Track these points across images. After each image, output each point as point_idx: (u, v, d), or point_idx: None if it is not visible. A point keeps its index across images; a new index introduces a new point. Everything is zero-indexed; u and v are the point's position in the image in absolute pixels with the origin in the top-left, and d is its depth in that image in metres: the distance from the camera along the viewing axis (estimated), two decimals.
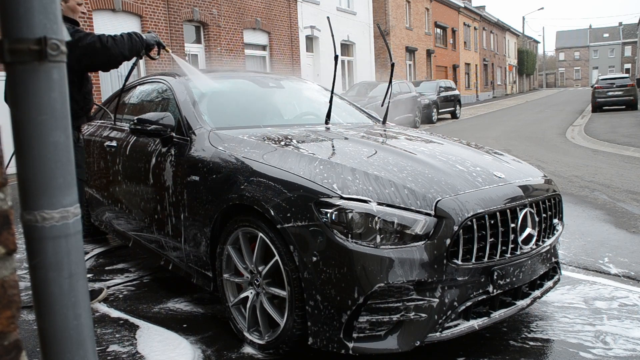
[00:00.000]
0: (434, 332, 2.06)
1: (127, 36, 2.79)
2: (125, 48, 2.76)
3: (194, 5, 13.23)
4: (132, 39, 2.81)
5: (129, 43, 2.78)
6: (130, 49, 2.80)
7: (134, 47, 2.82)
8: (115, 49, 2.71)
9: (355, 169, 2.23)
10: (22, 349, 0.78)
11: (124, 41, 2.76)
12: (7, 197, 0.77)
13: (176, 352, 2.39)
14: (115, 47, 2.71)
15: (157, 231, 3.08)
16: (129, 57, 2.83)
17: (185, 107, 3.05)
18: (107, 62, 2.75)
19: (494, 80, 46.49)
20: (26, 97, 0.88)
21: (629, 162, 8.30)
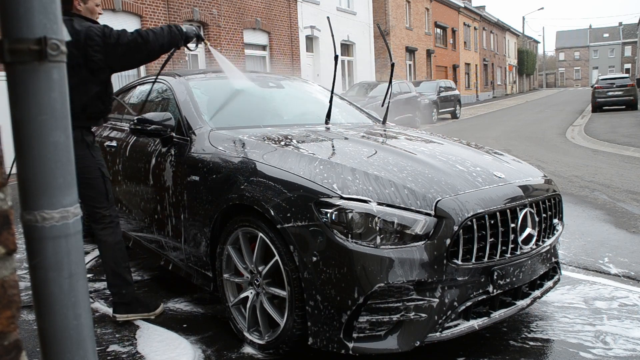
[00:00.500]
0: (434, 332, 2.06)
1: (167, 29, 2.73)
2: (164, 41, 2.69)
3: (194, 5, 13.23)
4: (172, 31, 2.74)
5: (168, 36, 2.70)
6: (169, 42, 2.72)
7: (173, 39, 2.74)
8: (155, 42, 2.64)
9: (355, 169, 2.23)
10: (22, 349, 0.78)
11: (164, 34, 2.69)
12: (7, 197, 0.77)
13: (176, 352, 2.39)
14: (155, 40, 2.64)
15: (157, 231, 3.08)
16: (167, 50, 2.75)
17: (185, 107, 3.05)
18: (147, 57, 2.68)
19: (494, 80, 46.49)
20: (26, 97, 0.88)
21: (629, 162, 8.30)
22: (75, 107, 2.50)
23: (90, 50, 2.49)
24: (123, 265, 2.73)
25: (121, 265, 2.72)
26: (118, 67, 2.65)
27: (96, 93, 2.60)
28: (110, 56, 2.54)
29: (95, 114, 2.65)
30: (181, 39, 2.78)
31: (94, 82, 2.57)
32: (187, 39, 2.84)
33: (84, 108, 2.57)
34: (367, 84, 17.33)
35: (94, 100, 2.60)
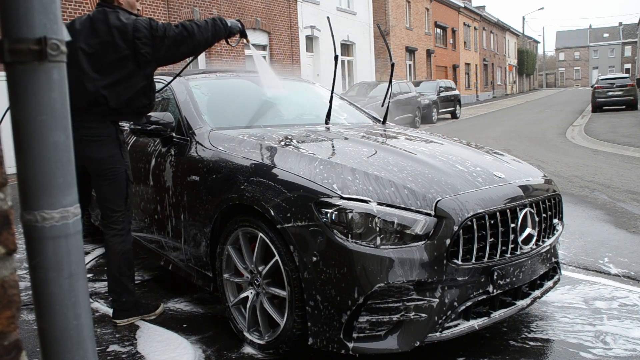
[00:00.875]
0: (434, 332, 2.06)
1: (212, 22, 2.66)
2: (209, 34, 2.62)
3: (194, 5, 13.23)
4: (216, 24, 2.67)
5: (212, 29, 2.63)
6: (213, 35, 2.65)
7: (217, 33, 2.67)
8: (200, 36, 2.58)
9: (355, 169, 2.23)
10: (22, 349, 0.78)
11: (208, 27, 2.62)
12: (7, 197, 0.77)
13: (177, 352, 2.38)
14: (200, 34, 2.57)
15: (157, 231, 3.08)
16: (212, 43, 2.69)
17: (185, 107, 3.04)
18: (192, 50, 2.62)
19: (494, 80, 46.49)
20: (26, 97, 0.88)
21: (629, 162, 8.30)
22: (121, 102, 2.49)
23: (138, 43, 2.45)
24: (127, 274, 2.68)
25: (125, 274, 2.67)
26: (163, 60, 2.58)
27: (142, 87, 2.57)
28: (157, 49, 2.50)
29: (139, 109, 2.62)
30: (224, 34, 2.72)
31: (140, 75, 2.53)
32: (230, 34, 2.78)
33: (129, 102, 2.53)
34: (367, 84, 17.33)
35: (139, 95, 2.57)
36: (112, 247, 2.65)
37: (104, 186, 2.59)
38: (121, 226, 2.65)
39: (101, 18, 2.49)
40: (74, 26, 2.52)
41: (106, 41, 2.45)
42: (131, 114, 2.61)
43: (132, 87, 2.51)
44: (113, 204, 2.62)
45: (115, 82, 2.47)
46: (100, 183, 2.59)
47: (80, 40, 2.46)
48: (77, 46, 2.44)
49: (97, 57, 2.45)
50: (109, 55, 2.45)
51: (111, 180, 2.58)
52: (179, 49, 2.55)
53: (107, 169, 2.55)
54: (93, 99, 2.45)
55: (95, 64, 2.45)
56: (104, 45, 2.45)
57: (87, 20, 2.53)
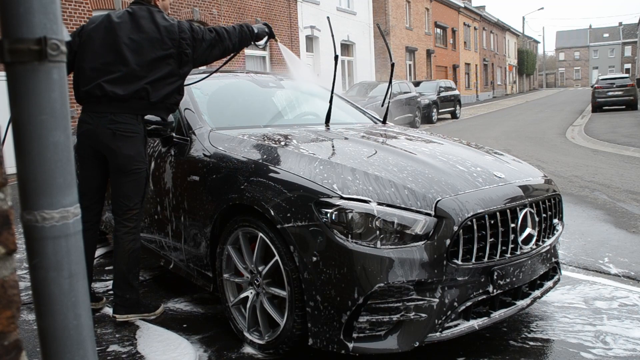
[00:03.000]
0: (434, 332, 2.06)
1: (239, 28, 2.74)
2: (236, 40, 2.71)
3: (194, 5, 13.23)
4: (243, 31, 2.75)
5: (239, 35, 2.72)
6: (240, 41, 2.74)
7: (243, 39, 2.76)
8: (228, 41, 2.67)
9: (355, 169, 2.23)
10: (22, 349, 0.78)
11: (235, 33, 2.70)
12: (7, 197, 0.77)
13: (177, 352, 2.38)
14: (228, 39, 2.67)
15: (157, 231, 3.08)
16: (238, 49, 2.78)
17: (186, 107, 3.04)
18: (221, 54, 2.71)
19: (494, 80, 46.49)
20: (26, 97, 0.88)
21: (629, 162, 8.30)
22: (160, 97, 2.55)
23: (183, 44, 2.55)
24: (134, 272, 2.70)
25: (132, 271, 2.69)
26: (199, 62, 2.68)
27: (179, 86, 2.64)
28: (196, 51, 2.60)
29: (172, 105, 2.68)
30: (250, 39, 2.82)
31: (179, 74, 2.61)
32: (257, 38, 2.88)
33: (165, 98, 2.59)
34: (367, 84, 17.33)
35: (174, 92, 2.63)
36: (123, 245, 2.65)
37: (126, 182, 2.61)
38: (134, 224, 2.66)
39: (146, 16, 2.57)
40: (110, 18, 2.57)
41: (154, 38, 2.52)
42: (165, 109, 2.67)
43: (172, 84, 2.59)
44: (130, 201, 2.63)
45: (159, 78, 2.54)
46: (123, 179, 2.61)
47: (121, 33, 2.51)
48: (119, 39, 2.50)
49: (141, 52, 2.51)
50: (156, 52, 2.52)
51: (134, 178, 2.61)
52: (212, 52, 2.66)
53: (133, 165, 2.59)
54: (136, 92, 2.50)
55: (138, 59, 2.50)
56: (151, 42, 2.52)
57: (127, 15, 2.58)
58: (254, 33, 2.83)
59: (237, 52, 2.87)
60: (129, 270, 2.67)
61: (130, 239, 2.66)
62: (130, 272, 2.68)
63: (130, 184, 2.61)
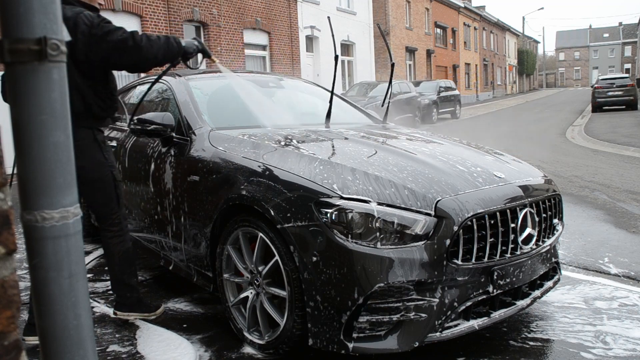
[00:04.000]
0: (434, 332, 2.06)
1: (165, 39, 2.49)
2: (159, 52, 2.45)
3: (194, 5, 13.23)
4: (169, 43, 2.50)
5: (164, 46, 2.46)
6: (164, 54, 2.48)
7: (169, 51, 2.50)
8: (148, 50, 2.39)
9: (355, 169, 2.23)
10: (22, 349, 0.78)
11: (159, 43, 2.45)
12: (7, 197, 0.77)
13: (177, 352, 2.38)
14: (149, 48, 2.39)
15: (157, 231, 3.08)
16: (161, 62, 2.52)
17: (185, 107, 3.04)
18: (137, 63, 2.44)
19: (494, 80, 46.48)
20: (26, 97, 0.88)
21: (629, 162, 8.30)
22: (78, 105, 2.38)
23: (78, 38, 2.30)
24: (128, 271, 2.65)
25: (126, 271, 2.65)
26: (102, 64, 2.41)
27: (94, 90, 2.44)
28: (91, 49, 2.33)
29: (97, 114, 2.48)
30: (178, 54, 2.56)
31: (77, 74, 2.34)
32: (185, 54, 2.60)
33: (89, 107, 2.43)
34: (367, 84, 17.33)
35: (95, 98, 2.44)
36: (111, 249, 2.61)
37: (91, 190, 2.53)
38: (118, 227, 2.60)
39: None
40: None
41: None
42: (93, 118, 2.47)
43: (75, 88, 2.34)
44: (105, 207, 2.57)
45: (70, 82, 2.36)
46: (88, 190, 2.52)
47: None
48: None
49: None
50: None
51: (98, 183, 2.51)
52: (121, 58, 2.38)
53: (90, 171, 2.46)
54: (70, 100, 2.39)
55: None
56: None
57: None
58: (181, 46, 2.55)
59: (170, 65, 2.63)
60: (123, 271, 2.64)
61: (117, 242, 2.61)
62: (125, 273, 2.64)
63: (94, 191, 2.52)
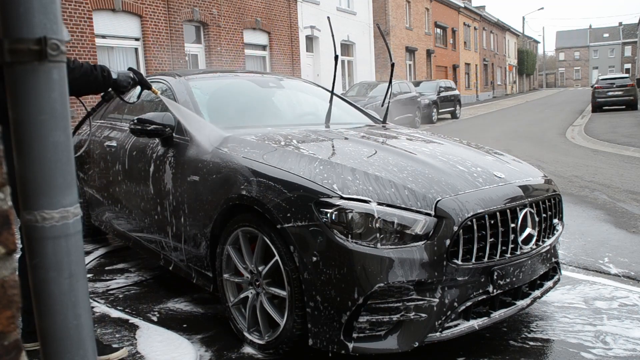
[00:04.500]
0: (434, 332, 2.06)
1: (89, 69, 2.22)
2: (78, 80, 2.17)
3: (194, 5, 13.23)
4: (93, 74, 2.24)
5: (84, 77, 2.20)
6: (85, 84, 2.22)
7: (91, 83, 2.25)
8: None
9: (355, 169, 2.23)
10: (22, 349, 0.78)
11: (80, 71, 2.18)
12: (7, 197, 0.77)
13: (178, 352, 2.39)
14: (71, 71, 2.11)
15: (157, 231, 3.08)
16: (84, 93, 2.31)
17: (185, 107, 3.04)
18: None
19: (494, 80, 46.48)
20: (26, 97, 0.88)
21: (629, 162, 8.29)
22: None
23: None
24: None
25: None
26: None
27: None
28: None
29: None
30: (104, 86, 2.33)
31: None
32: (117, 87, 2.39)
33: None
34: (367, 84, 17.33)
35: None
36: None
37: None
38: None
39: None
40: None
41: None
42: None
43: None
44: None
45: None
46: None
47: None
48: None
49: None
50: None
51: None
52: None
53: None
54: None
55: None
56: None
57: None
58: (108, 79, 2.32)
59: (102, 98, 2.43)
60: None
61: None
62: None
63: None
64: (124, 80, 2.44)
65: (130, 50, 11.84)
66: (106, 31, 11.14)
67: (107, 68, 2.36)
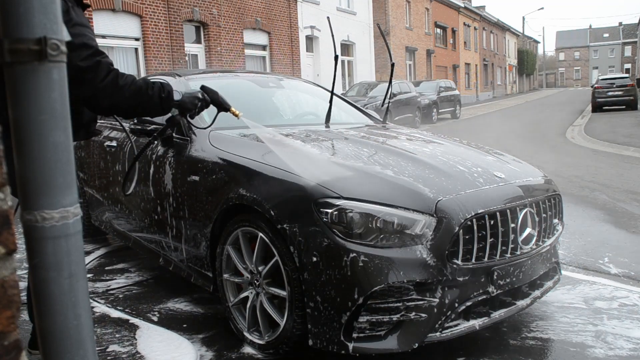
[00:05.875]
0: (434, 332, 2.06)
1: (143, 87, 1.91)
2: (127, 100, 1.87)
3: (194, 5, 13.23)
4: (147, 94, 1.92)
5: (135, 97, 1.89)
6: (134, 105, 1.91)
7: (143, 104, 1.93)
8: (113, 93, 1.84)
9: (356, 169, 2.23)
10: (22, 349, 0.78)
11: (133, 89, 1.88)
12: (7, 197, 0.77)
13: (178, 352, 2.38)
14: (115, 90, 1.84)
15: (157, 231, 3.08)
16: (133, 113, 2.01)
17: None
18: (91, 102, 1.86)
19: (494, 80, 46.47)
20: (26, 97, 0.88)
21: (629, 162, 8.29)
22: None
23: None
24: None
25: None
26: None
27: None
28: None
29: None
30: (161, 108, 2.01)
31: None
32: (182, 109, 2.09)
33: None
34: (367, 84, 17.34)
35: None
36: None
37: None
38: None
39: None
40: None
41: None
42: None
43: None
44: None
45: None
46: None
47: None
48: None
49: None
50: None
51: None
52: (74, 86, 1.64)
53: None
54: None
55: None
56: None
57: None
58: (167, 100, 1.99)
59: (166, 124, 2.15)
60: None
61: None
62: None
63: None
64: (190, 101, 2.09)
65: (130, 51, 11.84)
66: (106, 31, 11.14)
67: (169, 87, 2.00)
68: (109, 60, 1.86)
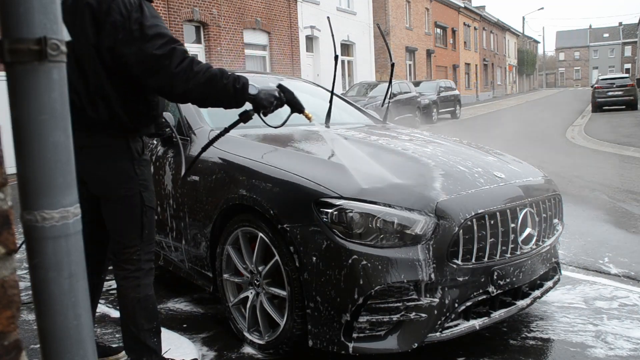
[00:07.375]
0: (434, 332, 2.06)
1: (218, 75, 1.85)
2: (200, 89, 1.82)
3: (194, 5, 13.23)
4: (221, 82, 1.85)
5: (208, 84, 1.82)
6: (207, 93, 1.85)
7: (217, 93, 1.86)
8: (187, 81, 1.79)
9: (356, 168, 2.23)
10: (22, 349, 0.78)
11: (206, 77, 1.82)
12: (7, 197, 0.77)
13: (178, 352, 2.38)
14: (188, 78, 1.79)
15: (157, 231, 3.08)
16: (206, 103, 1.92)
17: (186, 107, 3.04)
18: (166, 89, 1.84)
19: (494, 80, 46.47)
20: (26, 97, 0.88)
21: (629, 162, 8.29)
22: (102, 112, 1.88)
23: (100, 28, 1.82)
24: (147, 328, 1.98)
25: (144, 327, 1.98)
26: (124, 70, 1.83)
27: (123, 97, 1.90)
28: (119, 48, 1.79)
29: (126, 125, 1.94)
30: (235, 101, 1.92)
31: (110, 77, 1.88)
32: (257, 105, 1.98)
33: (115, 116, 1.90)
34: (367, 84, 17.34)
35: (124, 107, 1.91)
36: (123, 293, 1.98)
37: (111, 212, 1.96)
38: (135, 267, 1.95)
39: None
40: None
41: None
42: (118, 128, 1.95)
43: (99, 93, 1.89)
44: (124, 237, 1.94)
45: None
46: (108, 210, 1.96)
47: None
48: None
49: None
50: None
51: (120, 204, 1.92)
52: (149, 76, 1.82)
53: (114, 187, 1.92)
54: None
55: None
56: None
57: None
58: (242, 94, 1.91)
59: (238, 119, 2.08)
60: (139, 326, 1.97)
61: (132, 286, 1.96)
62: (142, 329, 1.98)
63: (114, 213, 1.94)
64: (266, 98, 1.99)
65: None
66: None
67: (244, 79, 1.93)
68: (184, 48, 1.86)
